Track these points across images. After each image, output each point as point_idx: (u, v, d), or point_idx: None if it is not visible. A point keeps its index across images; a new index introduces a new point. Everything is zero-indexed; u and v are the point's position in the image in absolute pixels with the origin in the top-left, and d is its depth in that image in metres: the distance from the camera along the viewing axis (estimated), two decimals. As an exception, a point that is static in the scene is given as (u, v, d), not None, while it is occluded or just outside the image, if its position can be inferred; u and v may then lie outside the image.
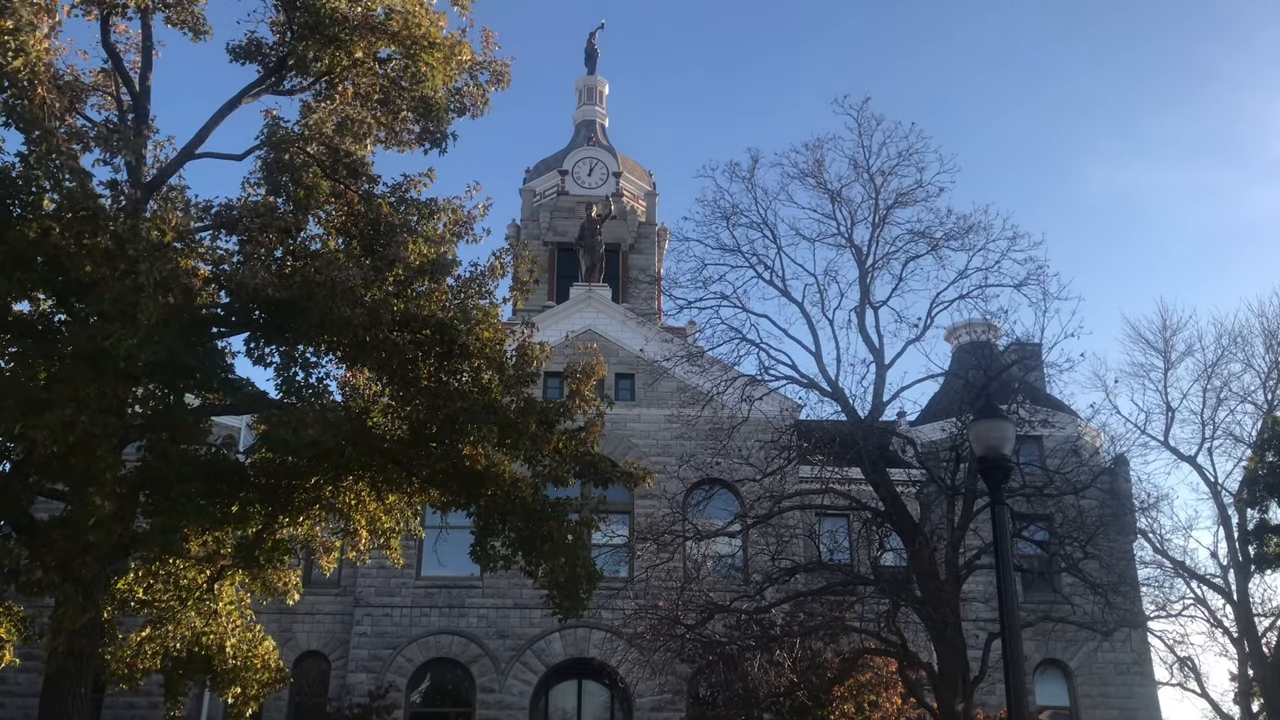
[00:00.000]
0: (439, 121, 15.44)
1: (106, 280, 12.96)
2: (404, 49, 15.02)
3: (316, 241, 15.33)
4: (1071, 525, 20.74)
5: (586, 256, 34.94)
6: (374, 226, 14.90)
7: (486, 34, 16.12)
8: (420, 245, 14.78)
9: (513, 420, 15.29)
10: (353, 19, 14.74)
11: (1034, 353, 21.18)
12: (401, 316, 14.65)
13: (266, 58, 15.76)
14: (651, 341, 29.17)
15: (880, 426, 21.06)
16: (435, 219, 15.25)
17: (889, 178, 21.85)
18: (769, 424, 22.27)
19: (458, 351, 14.87)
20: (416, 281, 15.11)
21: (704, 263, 22.22)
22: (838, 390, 20.68)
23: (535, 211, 38.75)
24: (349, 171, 15.00)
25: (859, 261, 21.57)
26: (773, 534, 21.67)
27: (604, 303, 33.21)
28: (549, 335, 27.65)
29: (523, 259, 16.87)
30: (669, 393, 29.81)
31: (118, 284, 12.79)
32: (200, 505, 14.02)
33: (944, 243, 21.30)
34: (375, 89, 15.59)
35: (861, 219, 21.96)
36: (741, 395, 21.44)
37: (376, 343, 14.37)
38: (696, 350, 23.75)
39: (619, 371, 31.35)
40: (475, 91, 16.06)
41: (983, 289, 21.00)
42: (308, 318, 13.56)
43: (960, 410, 20.91)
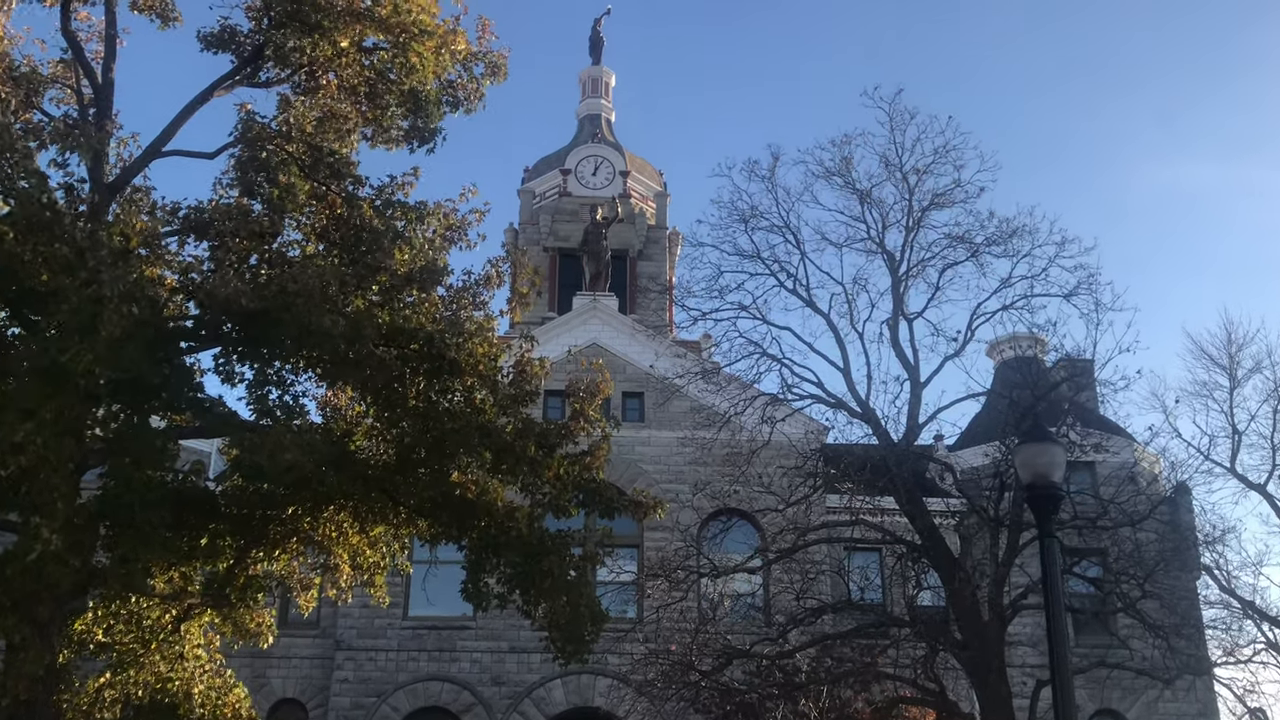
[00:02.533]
0: (429, 117, 15.52)
1: (64, 291, 13.00)
2: (392, 38, 15.11)
3: (294, 247, 15.37)
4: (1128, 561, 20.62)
5: (591, 263, 35.02)
6: (357, 231, 14.96)
7: (482, 22, 16.26)
8: (408, 252, 14.81)
9: (509, 444, 15.27)
10: (337, 5, 14.84)
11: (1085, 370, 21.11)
12: (387, 330, 14.66)
13: (241, 47, 15.85)
14: (662, 356, 29.20)
15: (916, 451, 21.00)
16: (425, 223, 15.31)
17: (924, 177, 21.89)
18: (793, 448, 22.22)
19: (448, 368, 14.87)
20: (404, 291, 15.12)
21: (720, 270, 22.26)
22: (868, 411, 20.64)
23: (535, 214, 38.89)
24: (330, 171, 15.07)
25: (891, 269, 21.56)
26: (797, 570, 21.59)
27: (610, 314, 33.26)
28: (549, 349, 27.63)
29: (521, 267, 16.89)
30: (682, 413, 29.79)
31: (76, 295, 12.83)
32: (166, 538, 14.01)
33: (985, 248, 21.30)
34: (360, 81, 15.68)
35: (894, 222, 21.99)
36: (762, 416, 21.41)
37: (359, 358, 14.37)
38: (712, 366, 23.73)
39: (626, 390, 31.35)
40: (469, 84, 16.15)
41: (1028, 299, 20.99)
42: (284, 331, 13.59)
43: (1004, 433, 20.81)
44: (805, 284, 21.94)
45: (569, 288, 35.99)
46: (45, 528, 12.51)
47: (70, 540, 12.88)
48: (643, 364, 31.32)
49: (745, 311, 21.88)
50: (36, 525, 12.55)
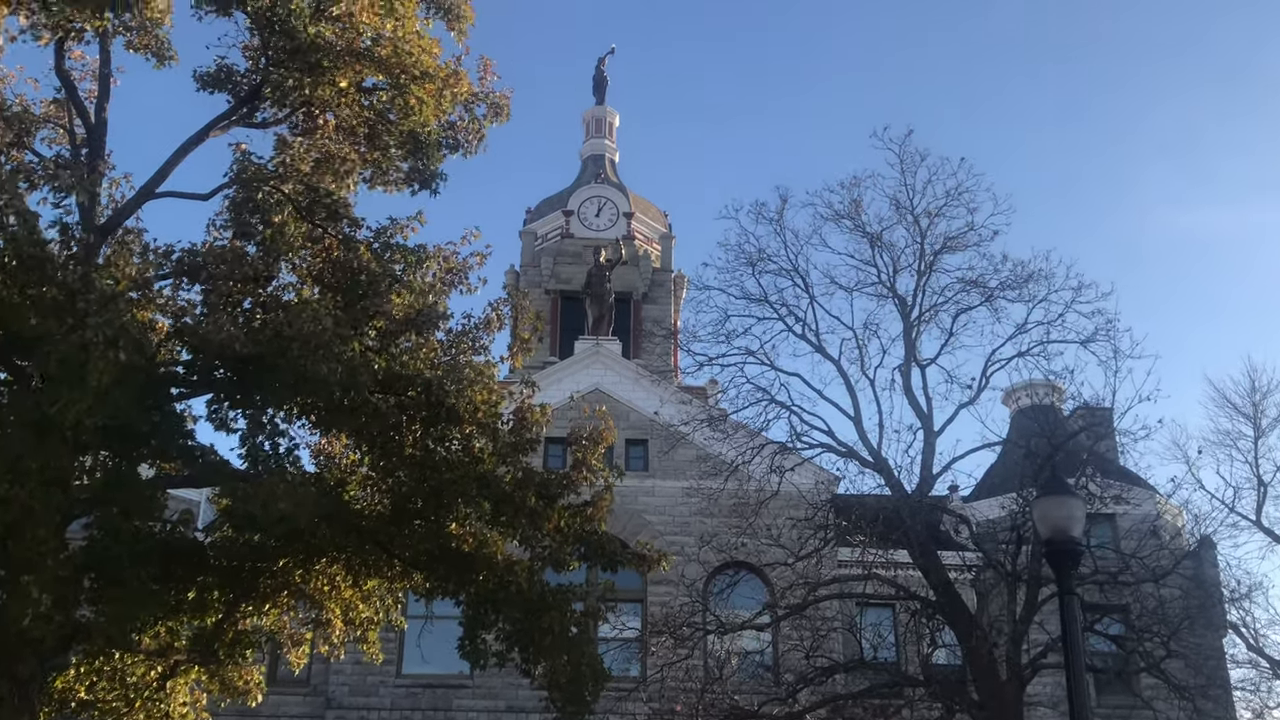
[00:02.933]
0: (429, 159, 15.62)
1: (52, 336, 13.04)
2: (392, 79, 15.25)
3: (289, 291, 15.42)
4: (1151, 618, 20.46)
5: (594, 306, 35.13)
6: (354, 275, 15.03)
7: (485, 63, 16.42)
8: (406, 296, 14.88)
9: (508, 494, 15.24)
10: (337, 45, 15.00)
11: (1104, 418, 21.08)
12: (384, 376, 14.68)
13: (238, 86, 15.99)
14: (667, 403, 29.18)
15: (930, 503, 20.93)
16: (424, 267, 15.37)
17: (936, 219, 22.01)
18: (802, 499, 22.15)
19: (447, 416, 14.88)
20: (401, 336, 15.17)
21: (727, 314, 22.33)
22: (880, 460, 20.59)
23: (536, 256, 39.07)
24: (328, 213, 15.16)
25: (903, 314, 21.61)
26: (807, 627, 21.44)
27: (613, 359, 33.30)
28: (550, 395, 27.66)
29: (522, 310, 16.92)
30: (687, 462, 29.71)
31: (65, 340, 12.86)
32: (153, 591, 13.93)
33: (1000, 293, 21.37)
34: (360, 122, 15.80)
35: (905, 266, 22.08)
36: (770, 465, 21.36)
37: (355, 405, 14.39)
38: (719, 413, 23.70)
39: (630, 437, 31.29)
40: (471, 125, 16.26)
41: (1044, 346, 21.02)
42: (278, 377, 13.61)
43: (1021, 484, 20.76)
44: (814, 329, 22.01)
45: (571, 331, 36.07)
46: (34, 586, 12.43)
47: (56, 595, 12.81)
48: (647, 411, 31.31)
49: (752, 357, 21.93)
50: (26, 584, 12.47)
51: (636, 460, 31.38)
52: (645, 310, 38.29)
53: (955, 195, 22.00)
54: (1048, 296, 21.16)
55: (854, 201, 22.38)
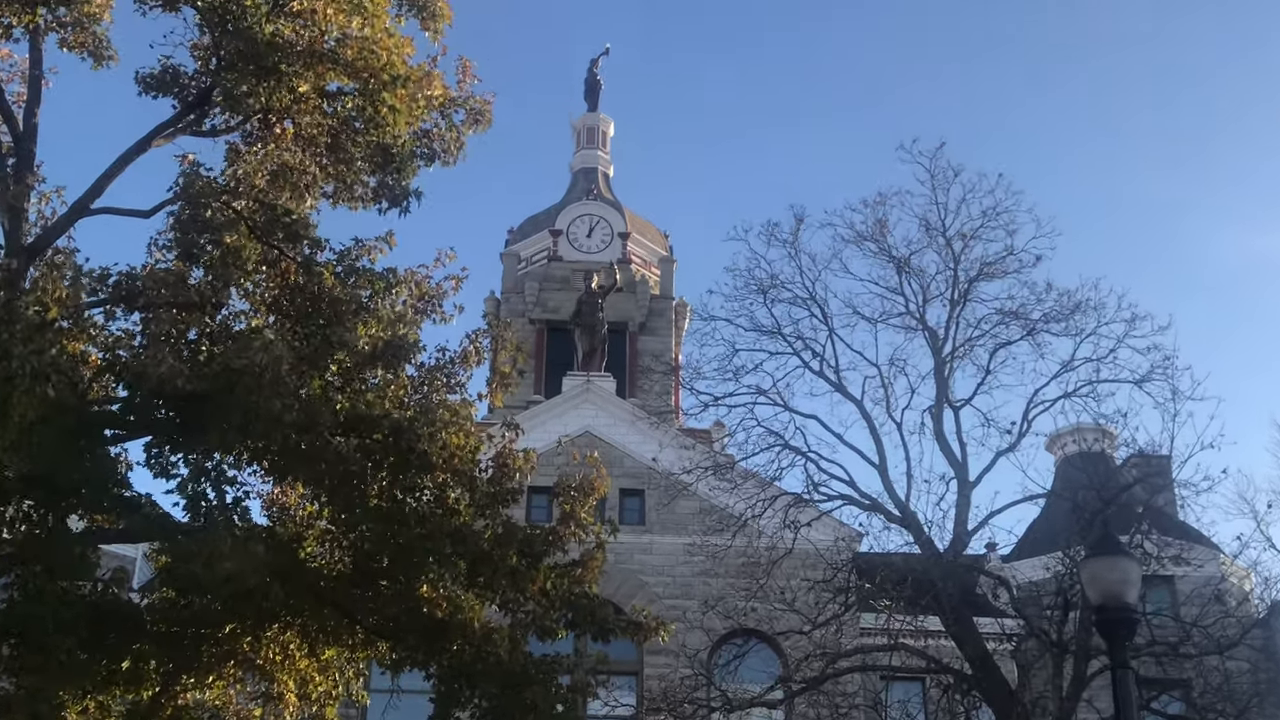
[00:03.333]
0: (400, 173, 15.62)
1: (-32, 370, 12.90)
2: (359, 83, 15.29)
3: (241, 320, 15.34)
4: (1216, 694, 20.33)
5: (584, 338, 35.08)
6: (315, 302, 14.94)
7: (463, 64, 16.44)
8: (373, 326, 14.81)
9: (487, 552, 15.10)
10: (296, 45, 15.02)
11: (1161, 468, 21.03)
12: (346, 416, 14.59)
13: (185, 90, 16.02)
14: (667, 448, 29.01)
15: (964, 563, 20.85)
16: (393, 293, 15.31)
17: (971, 242, 22.11)
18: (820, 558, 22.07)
19: (417, 462, 14.76)
20: (367, 371, 15.09)
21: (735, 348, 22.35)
22: (909, 515, 20.50)
23: (520, 282, 39.07)
24: (285, 233, 15.10)
25: (934, 349, 21.61)
26: (825, 704, 21.27)
27: (606, 398, 33.19)
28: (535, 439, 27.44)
29: (503, 342, 16.86)
30: (690, 515, 29.50)
31: (-18, 375, 12.72)
32: (81, 661, 13.79)
33: (1043, 326, 21.42)
34: (322, 131, 15.79)
35: (936, 295, 22.13)
36: (784, 519, 21.28)
37: (313, 450, 14.31)
38: (725, 460, 23.61)
39: (625, 487, 31.14)
40: (447, 134, 16.26)
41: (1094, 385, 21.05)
42: (226, 417, 13.48)
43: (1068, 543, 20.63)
44: (834, 365, 22.00)
45: (559, 366, 36.01)
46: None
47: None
48: (644, 457, 31.16)
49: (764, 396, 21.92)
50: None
51: (632, 513, 31.18)
52: (642, 343, 38.23)
53: (993, 215, 22.13)
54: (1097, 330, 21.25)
55: (878, 222, 22.48)
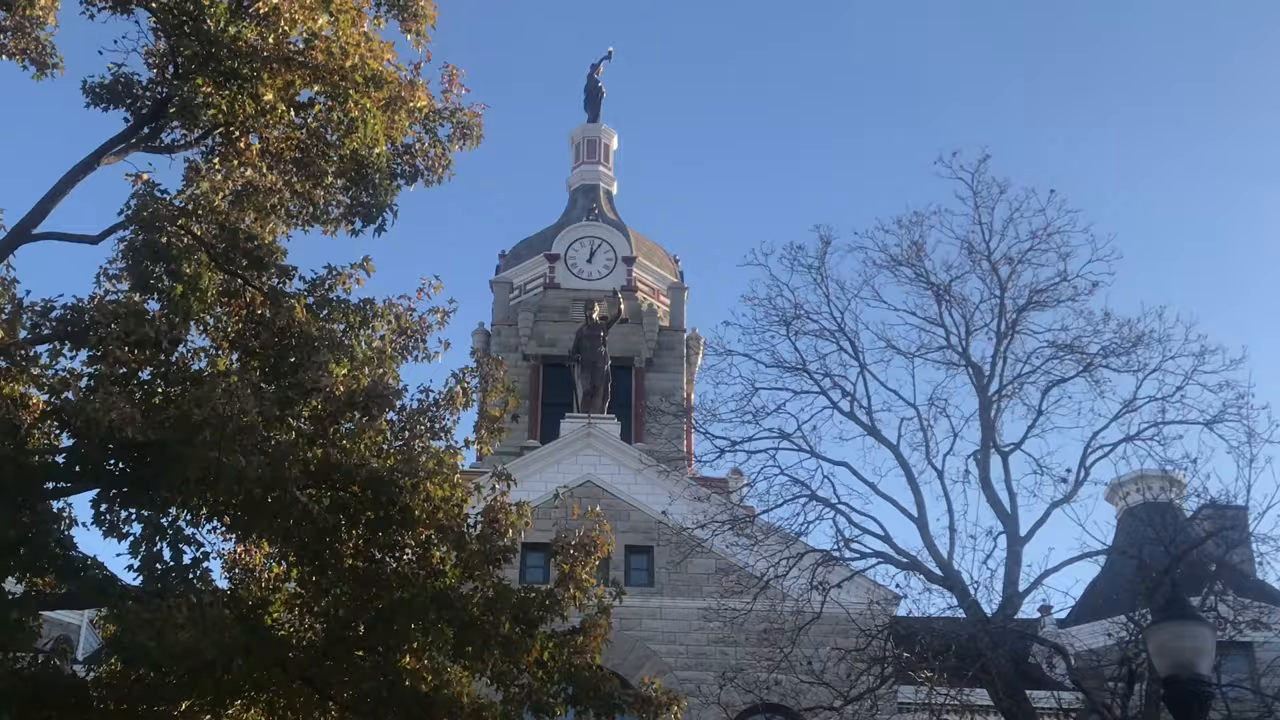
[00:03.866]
0: (378, 191, 15.77)
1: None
2: (332, 90, 15.44)
3: (200, 359, 15.54)
4: (1302, 777, 20.21)
5: (585, 376, 35.22)
6: (282, 338, 15.11)
7: (450, 71, 16.59)
8: (348, 365, 14.97)
9: (476, 618, 15.22)
10: (261, 49, 15.21)
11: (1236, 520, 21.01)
12: (318, 467, 14.74)
13: (138, 101, 16.14)
14: (679, 500, 29.15)
15: (1016, 629, 20.84)
16: (371, 327, 15.47)
17: (1019, 267, 22.22)
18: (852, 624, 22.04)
19: (397, 517, 14.91)
20: (342, 417, 15.24)
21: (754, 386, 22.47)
22: (952, 574, 20.54)
23: (512, 313, 39.27)
24: (250, 261, 15.29)
25: (979, 387, 21.70)
26: (859, 789, 21.18)
27: (610, 443, 33.29)
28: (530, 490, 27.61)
29: (494, 382, 17.02)
30: (704, 575, 29.58)
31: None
32: (18, 742, 13.87)
33: (1102, 360, 21.50)
34: (290, 145, 15.98)
35: (981, 326, 22.25)
36: (812, 580, 21.32)
37: (281, 504, 14.42)
38: (744, 513, 23.67)
39: (632, 543, 31.19)
40: (432, 150, 16.45)
41: (1159, 427, 21.09)
42: (184, 469, 13.63)
43: (1132, 606, 20.64)
44: (866, 406, 22.10)
45: (556, 408, 36.11)
46: None
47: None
48: (653, 509, 31.23)
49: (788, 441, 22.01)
50: None
51: (639, 573, 31.21)
52: (650, 380, 38.36)
53: (1043, 236, 22.26)
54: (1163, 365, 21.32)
55: (915, 244, 22.62)
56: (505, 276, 40.73)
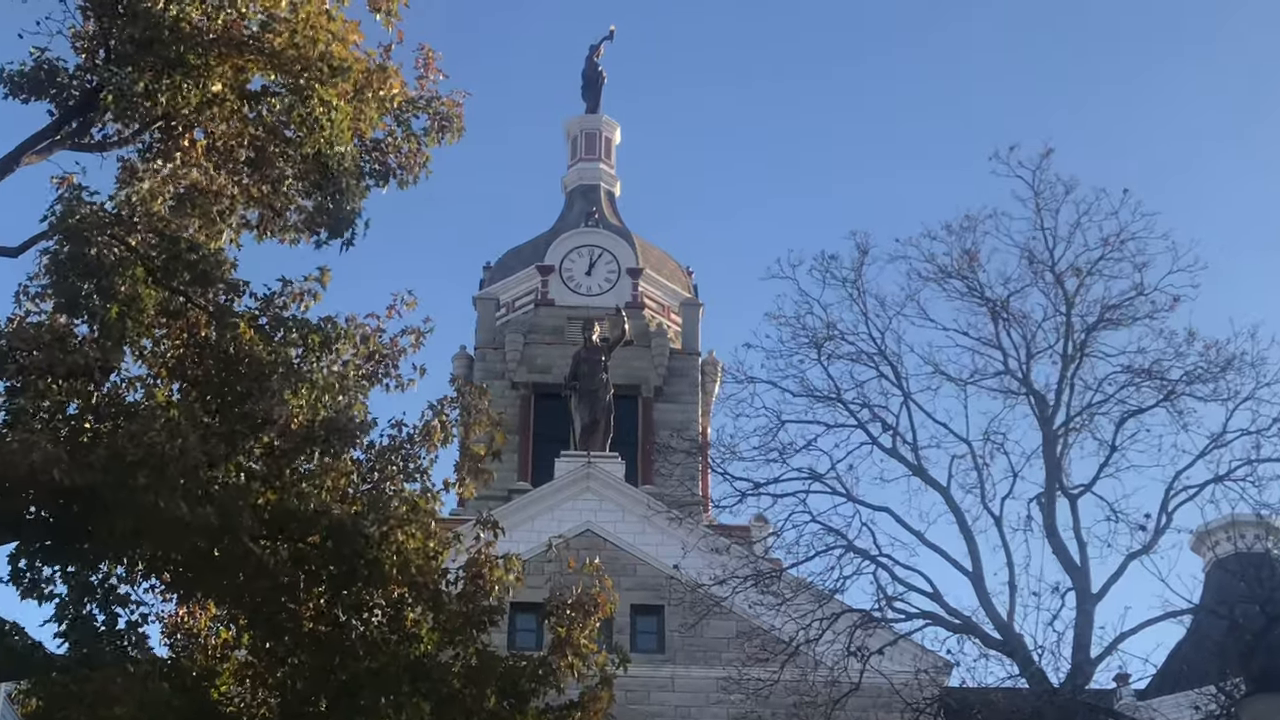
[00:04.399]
0: (344, 194, 15.74)
1: None
2: (289, 78, 15.44)
3: (136, 389, 15.49)
4: None
5: (584, 407, 35.20)
6: (231, 364, 15.06)
7: (426, 55, 16.59)
8: (307, 395, 14.92)
9: (457, 690, 15.17)
10: (209, 32, 15.21)
11: (1345, 574, 20.93)
12: (272, 514, 14.71)
13: (65, 91, 16.12)
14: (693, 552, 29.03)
15: (1087, 701, 20.73)
16: (334, 351, 15.42)
17: (1089, 280, 22.17)
18: (897, 695, 21.93)
19: (364, 572, 14.86)
20: (299, 455, 15.21)
21: (780, 419, 22.46)
22: (1012, 637, 20.46)
23: (499, 333, 39.30)
24: (193, 275, 15.22)
25: (1042, 419, 21.64)
26: None
27: (613, 485, 33.25)
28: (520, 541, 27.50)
29: (478, 415, 16.98)
30: (723, 640, 29.49)
31: None
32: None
33: (1185, 388, 21.43)
34: (242, 142, 15.96)
35: (1044, 348, 22.21)
36: (849, 645, 21.23)
37: (230, 558, 14.38)
38: (770, 566, 23.59)
39: (638, 602, 31.15)
40: (405, 145, 16.44)
41: (1253, 465, 20.99)
42: (116, 518, 13.59)
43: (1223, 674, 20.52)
44: (911, 441, 22.05)
45: (550, 444, 36.13)
46: None
47: None
48: (663, 563, 31.18)
49: (820, 483, 21.96)
50: None
51: (647, 637, 31.14)
52: (660, 412, 38.36)
53: (1116, 244, 22.26)
54: (1256, 393, 21.26)
55: (966, 253, 22.61)
56: (491, 292, 40.79)
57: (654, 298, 40.97)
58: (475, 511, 19.23)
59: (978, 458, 21.84)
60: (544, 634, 17.40)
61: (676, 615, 30.35)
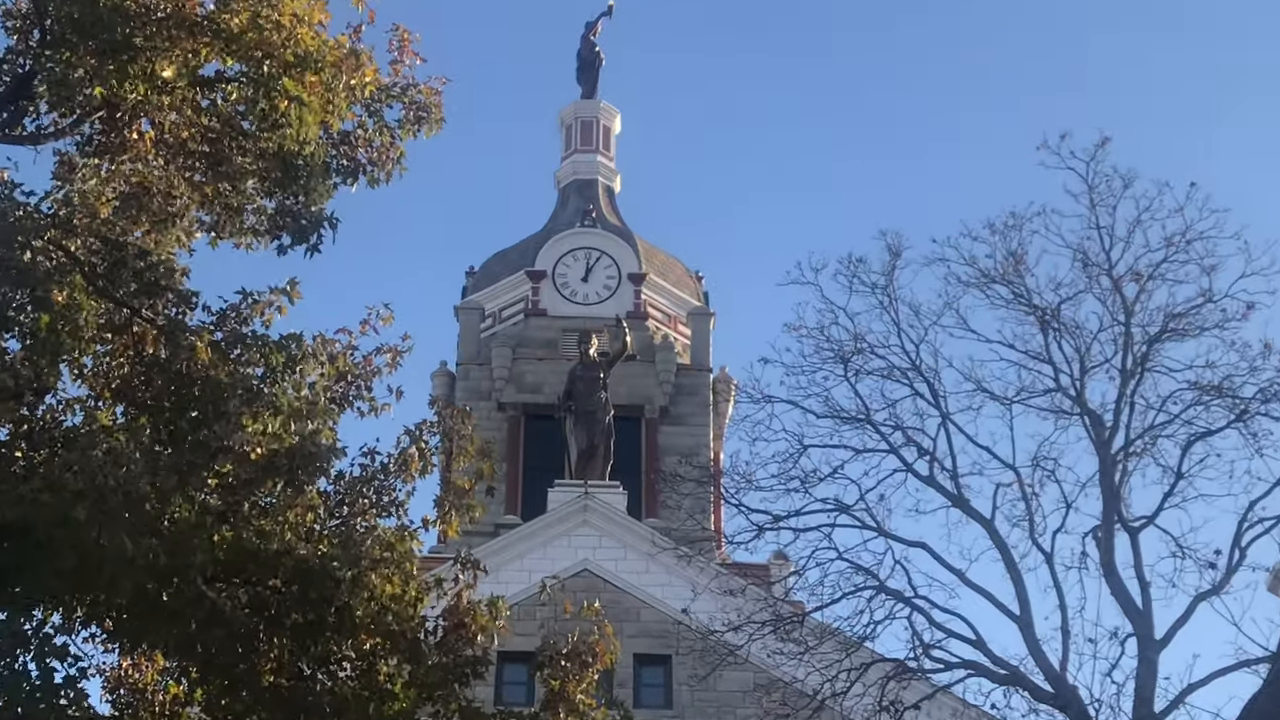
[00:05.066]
0: (309, 194, 15.80)
1: None
2: (249, 64, 15.50)
3: (75, 413, 15.54)
4: None
5: (580, 431, 35.24)
6: (182, 385, 15.11)
7: (401, 37, 16.65)
8: (269, 420, 14.98)
9: (438, 753, 15.22)
10: (157, 11, 15.26)
11: None
12: (229, 553, 14.72)
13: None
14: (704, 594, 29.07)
15: (1150, 762, 20.70)
16: (299, 371, 15.47)
17: (1150, 285, 22.13)
18: (934, 756, 21.92)
19: (333, 620, 14.90)
20: (260, 487, 15.26)
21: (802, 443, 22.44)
22: (1066, 690, 20.46)
23: (484, 347, 39.36)
24: (140, 285, 15.31)
25: (1098, 443, 21.62)
26: None
27: (613, 519, 33.29)
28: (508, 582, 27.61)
29: (460, 440, 17.01)
30: (738, 693, 29.54)
31: None
32: None
33: (1260, 408, 21.36)
34: (195, 134, 16.03)
35: (1100, 361, 22.16)
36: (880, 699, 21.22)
37: (181, 604, 14.39)
38: (791, 610, 23.58)
39: (642, 651, 31.20)
40: (378, 138, 16.51)
41: (1336, 495, 20.95)
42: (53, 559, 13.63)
43: (1306, 730, 20.52)
44: (951, 468, 22.03)
45: (542, 473, 36.20)
46: None
47: None
48: (670, 606, 31.21)
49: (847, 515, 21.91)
50: None
51: (653, 691, 31.19)
52: (666, 436, 38.41)
53: (1181, 244, 22.16)
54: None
55: (1012, 255, 22.58)
56: (475, 300, 40.86)
57: (659, 306, 41.03)
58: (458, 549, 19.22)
59: (1025, 486, 21.82)
60: (535, 687, 17.40)
61: (685, 666, 30.34)
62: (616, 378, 36.48)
